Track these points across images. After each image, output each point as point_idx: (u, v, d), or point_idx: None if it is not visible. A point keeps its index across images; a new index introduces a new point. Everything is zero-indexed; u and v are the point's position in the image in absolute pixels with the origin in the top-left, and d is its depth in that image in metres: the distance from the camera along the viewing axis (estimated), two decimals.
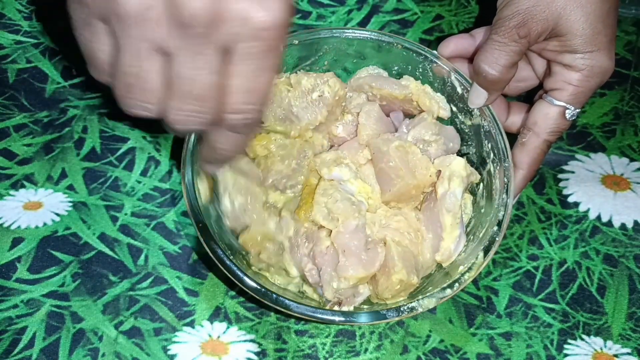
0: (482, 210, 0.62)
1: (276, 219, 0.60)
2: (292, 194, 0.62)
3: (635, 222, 0.70)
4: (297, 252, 0.60)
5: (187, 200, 0.58)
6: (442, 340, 0.62)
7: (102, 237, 0.66)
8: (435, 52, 0.65)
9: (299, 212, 0.61)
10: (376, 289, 0.59)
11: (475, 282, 0.65)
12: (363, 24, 0.83)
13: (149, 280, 0.64)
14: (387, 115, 0.67)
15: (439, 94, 0.66)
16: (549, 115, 0.61)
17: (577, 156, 0.74)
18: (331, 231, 0.61)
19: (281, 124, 0.63)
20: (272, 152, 0.62)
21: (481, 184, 0.64)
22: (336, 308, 0.58)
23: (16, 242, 0.66)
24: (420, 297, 0.57)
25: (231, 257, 0.56)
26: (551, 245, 0.68)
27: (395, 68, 0.67)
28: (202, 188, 0.59)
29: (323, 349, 0.61)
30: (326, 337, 0.62)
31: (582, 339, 0.63)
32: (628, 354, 0.62)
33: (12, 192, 0.69)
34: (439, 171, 0.62)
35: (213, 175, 0.60)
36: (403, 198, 0.62)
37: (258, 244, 0.59)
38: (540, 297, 0.65)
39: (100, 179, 0.70)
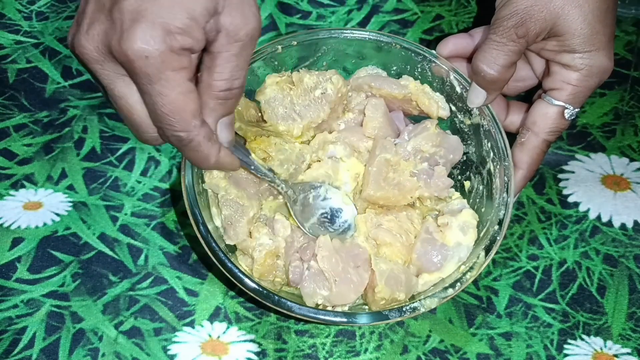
0: (483, 210, 0.62)
1: (267, 230, 0.60)
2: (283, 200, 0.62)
3: (635, 222, 0.70)
4: (291, 248, 0.59)
5: (187, 202, 0.58)
6: (442, 340, 0.62)
7: (102, 237, 0.66)
8: (434, 51, 0.65)
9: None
10: (365, 299, 0.59)
11: (475, 282, 0.65)
12: (363, 24, 0.83)
13: (149, 280, 0.64)
14: None
15: (438, 93, 0.66)
16: (548, 115, 0.61)
17: (577, 156, 0.74)
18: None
19: (283, 122, 0.63)
20: (272, 156, 0.62)
21: (481, 184, 0.64)
22: (330, 308, 0.58)
23: (16, 242, 0.66)
24: (422, 297, 0.57)
25: (232, 259, 0.56)
26: (551, 245, 0.68)
27: (394, 68, 0.67)
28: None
29: (323, 349, 0.61)
30: (326, 337, 0.62)
31: (582, 339, 0.63)
32: (628, 354, 0.62)
33: (12, 192, 0.69)
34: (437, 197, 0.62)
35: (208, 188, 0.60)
36: (376, 203, 0.62)
37: (269, 268, 0.59)
38: (540, 297, 0.65)
39: (100, 179, 0.70)
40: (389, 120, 0.65)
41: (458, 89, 0.64)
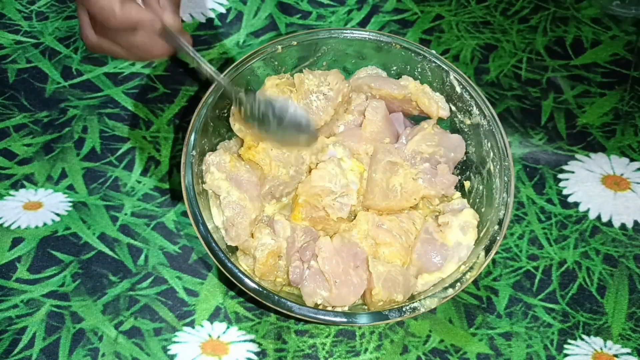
0: (483, 210, 0.62)
1: (269, 230, 0.60)
2: (287, 201, 0.62)
3: (635, 222, 0.70)
4: (292, 249, 0.59)
5: (187, 202, 0.58)
6: (442, 340, 0.62)
7: (102, 237, 0.66)
8: (434, 51, 0.65)
9: (295, 216, 0.61)
10: (364, 300, 0.59)
11: (475, 282, 0.65)
12: (363, 24, 0.83)
13: (149, 280, 0.64)
14: None
15: (438, 93, 0.66)
16: None
17: (577, 156, 0.74)
18: (327, 231, 0.61)
19: None
20: (271, 159, 0.62)
21: (481, 184, 0.64)
22: (330, 308, 0.58)
23: (16, 242, 0.66)
24: (422, 297, 0.57)
25: (232, 259, 0.56)
26: (551, 245, 0.68)
27: (394, 68, 0.67)
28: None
29: (323, 349, 0.61)
30: (326, 337, 0.62)
31: (582, 339, 0.63)
32: (628, 354, 0.62)
33: (12, 192, 0.69)
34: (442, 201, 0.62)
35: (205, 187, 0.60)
36: (380, 209, 0.62)
37: (270, 268, 0.59)
38: (540, 297, 0.65)
39: (100, 179, 0.70)
40: (388, 123, 0.65)
41: (458, 89, 0.64)
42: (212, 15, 0.83)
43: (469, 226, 0.60)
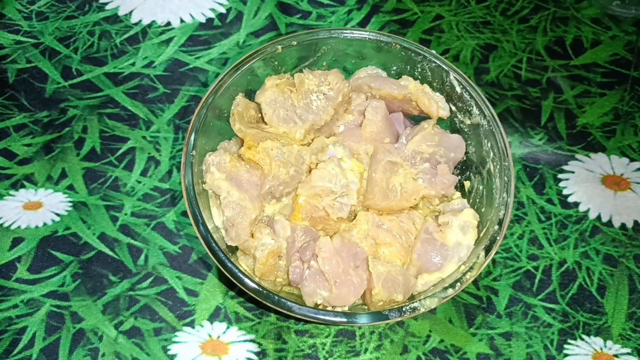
0: (483, 210, 0.62)
1: (269, 230, 0.60)
2: (287, 201, 0.62)
3: (635, 222, 0.70)
4: (292, 249, 0.59)
5: (187, 202, 0.58)
6: (442, 340, 0.62)
7: (102, 237, 0.66)
8: (434, 51, 0.65)
9: (295, 216, 0.61)
10: (364, 300, 0.59)
11: (475, 282, 0.65)
12: (363, 24, 0.83)
13: (149, 280, 0.64)
14: None
15: (438, 93, 0.66)
16: None
17: (577, 156, 0.74)
18: (327, 231, 0.61)
19: (284, 125, 0.63)
20: (271, 159, 0.62)
21: (481, 184, 0.64)
22: (330, 308, 0.58)
23: (16, 242, 0.66)
24: (422, 297, 0.57)
25: (232, 259, 0.56)
26: (551, 245, 0.68)
27: (394, 68, 0.67)
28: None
29: (323, 349, 0.61)
30: (326, 337, 0.62)
31: (582, 339, 0.63)
32: (628, 354, 0.62)
33: (12, 192, 0.69)
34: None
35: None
36: (380, 209, 0.62)
37: (271, 268, 0.59)
38: (540, 297, 0.65)
39: (100, 179, 0.70)
40: (388, 123, 0.65)
41: (458, 89, 0.64)
42: (212, 15, 0.83)
43: (469, 226, 0.60)
